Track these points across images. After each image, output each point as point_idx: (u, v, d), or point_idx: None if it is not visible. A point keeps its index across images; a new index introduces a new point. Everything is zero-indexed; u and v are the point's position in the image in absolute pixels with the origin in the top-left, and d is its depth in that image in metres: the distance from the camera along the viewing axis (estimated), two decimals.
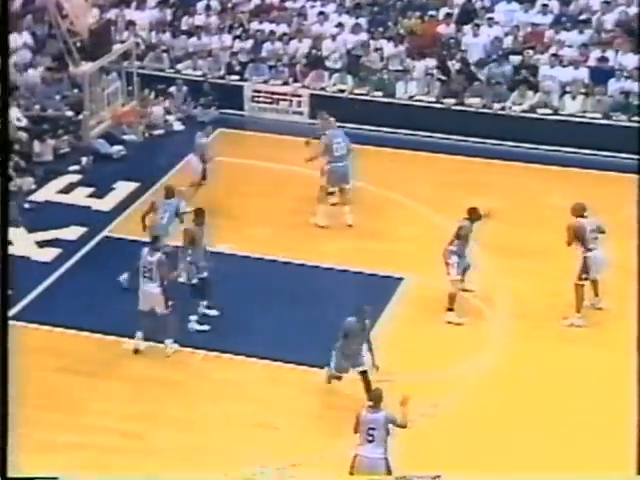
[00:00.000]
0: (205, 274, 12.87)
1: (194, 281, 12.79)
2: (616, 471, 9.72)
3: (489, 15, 19.73)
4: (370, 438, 9.55)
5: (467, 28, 19.43)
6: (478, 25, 19.42)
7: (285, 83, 19.29)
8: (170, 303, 12.24)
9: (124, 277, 13.32)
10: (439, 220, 13.81)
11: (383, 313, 13.16)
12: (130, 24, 20.11)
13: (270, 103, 19.28)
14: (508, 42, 19.26)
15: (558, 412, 11.35)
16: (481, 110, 18.27)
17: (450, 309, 13.08)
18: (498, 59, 18.85)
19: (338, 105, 17.76)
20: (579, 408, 11.41)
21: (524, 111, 18.08)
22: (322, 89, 19.03)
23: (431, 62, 19.02)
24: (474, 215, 13.04)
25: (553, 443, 10.84)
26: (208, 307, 12.99)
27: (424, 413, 11.30)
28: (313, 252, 14.59)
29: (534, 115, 17.99)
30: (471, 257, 13.18)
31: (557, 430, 11.05)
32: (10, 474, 8.35)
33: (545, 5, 19.67)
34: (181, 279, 12.75)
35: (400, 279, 13.90)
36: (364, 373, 11.35)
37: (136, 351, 12.34)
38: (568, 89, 18.18)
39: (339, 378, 11.56)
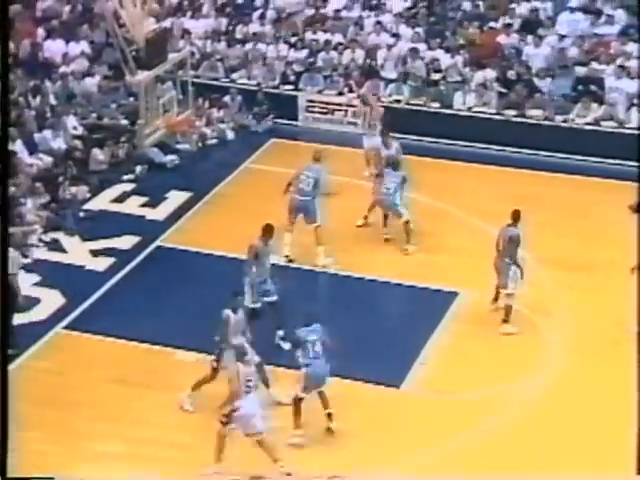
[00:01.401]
0: (274, 298, 12.54)
1: (257, 305, 12.44)
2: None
3: (552, 25, 19.63)
4: (248, 390, 10.48)
5: (529, 38, 19.35)
6: (540, 36, 19.35)
7: (340, 93, 19.42)
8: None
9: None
10: (494, 233, 13.80)
11: (437, 329, 13.22)
12: (185, 33, 20.42)
13: (324, 113, 19.39)
14: (572, 53, 19.12)
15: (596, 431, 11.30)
16: (542, 122, 18.21)
17: (505, 320, 13.12)
18: (561, 70, 18.76)
19: (393, 116, 17.82)
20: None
21: (588, 124, 17.97)
22: (377, 99, 19.10)
23: (490, 73, 19.02)
24: (517, 218, 13.11)
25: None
26: (282, 338, 12.71)
27: (479, 430, 11.32)
28: (364, 264, 14.67)
29: (598, 128, 17.84)
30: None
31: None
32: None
33: (611, 15, 19.49)
34: (245, 302, 12.31)
35: (454, 293, 13.94)
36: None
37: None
38: (635, 101, 17.97)
39: None
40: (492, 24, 19.95)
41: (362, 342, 12.72)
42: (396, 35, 19.93)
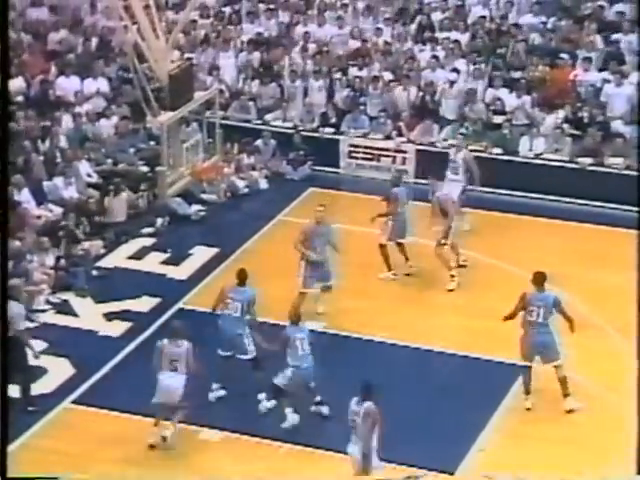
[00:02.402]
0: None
1: (253, 354, 13.32)
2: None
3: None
4: (172, 367, 12.42)
5: (609, 76, 19.47)
6: (623, 73, 19.46)
7: (387, 137, 19.70)
8: None
9: None
10: (565, 298, 13.89)
11: (499, 406, 13.33)
12: (214, 68, 20.81)
13: (370, 159, 19.67)
14: None
15: None
16: (623, 172, 18.35)
17: (567, 395, 13.25)
18: None
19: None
20: None
21: None
22: (431, 144, 19.38)
23: (563, 115, 19.17)
24: (543, 280, 13.41)
25: None
26: (319, 403, 13.13)
27: None
28: (415, 331, 14.81)
29: None
30: None
31: None
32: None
33: None
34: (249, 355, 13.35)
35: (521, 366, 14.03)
36: None
37: None
38: None
39: None
40: (565, 58, 20.05)
41: (412, 421, 12.80)
42: (455, 70, 20.09)
